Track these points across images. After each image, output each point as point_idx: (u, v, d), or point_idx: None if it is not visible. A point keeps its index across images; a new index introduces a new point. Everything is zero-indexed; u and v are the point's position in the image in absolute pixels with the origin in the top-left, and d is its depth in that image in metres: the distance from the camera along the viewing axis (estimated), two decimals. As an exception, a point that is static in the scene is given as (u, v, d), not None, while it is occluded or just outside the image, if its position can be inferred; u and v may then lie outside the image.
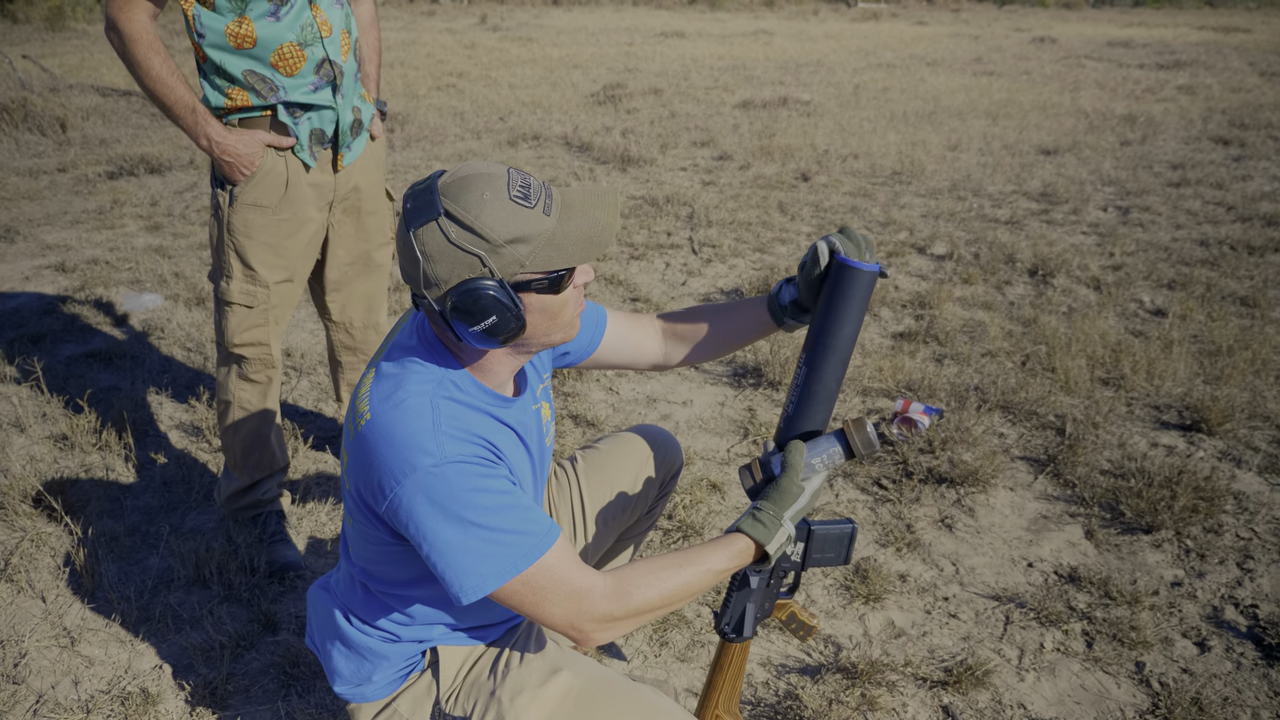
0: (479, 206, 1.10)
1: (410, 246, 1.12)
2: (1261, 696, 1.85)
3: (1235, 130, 7.49)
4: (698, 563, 1.23)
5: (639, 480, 1.69)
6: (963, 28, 17.82)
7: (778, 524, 1.27)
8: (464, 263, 1.11)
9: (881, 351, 3.43)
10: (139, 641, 1.97)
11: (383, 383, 1.20)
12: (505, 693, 1.29)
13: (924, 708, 1.82)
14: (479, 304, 1.12)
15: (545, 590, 1.14)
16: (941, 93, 9.41)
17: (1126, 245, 4.59)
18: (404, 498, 1.12)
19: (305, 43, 1.94)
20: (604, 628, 1.17)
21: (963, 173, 6.17)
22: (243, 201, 2.02)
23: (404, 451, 1.12)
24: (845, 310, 1.30)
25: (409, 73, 10.40)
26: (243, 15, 1.86)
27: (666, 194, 5.51)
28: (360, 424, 1.18)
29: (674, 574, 1.21)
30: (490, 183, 1.12)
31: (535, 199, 1.13)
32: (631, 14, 20.43)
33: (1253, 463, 2.68)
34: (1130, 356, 3.25)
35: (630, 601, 1.17)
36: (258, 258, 2.06)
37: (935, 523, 2.43)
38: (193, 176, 5.95)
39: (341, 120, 2.07)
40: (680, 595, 1.21)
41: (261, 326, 2.13)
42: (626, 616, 1.18)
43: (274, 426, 2.28)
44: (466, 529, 1.11)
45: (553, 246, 1.14)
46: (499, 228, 1.10)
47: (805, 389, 1.33)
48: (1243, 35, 15.96)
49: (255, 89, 1.93)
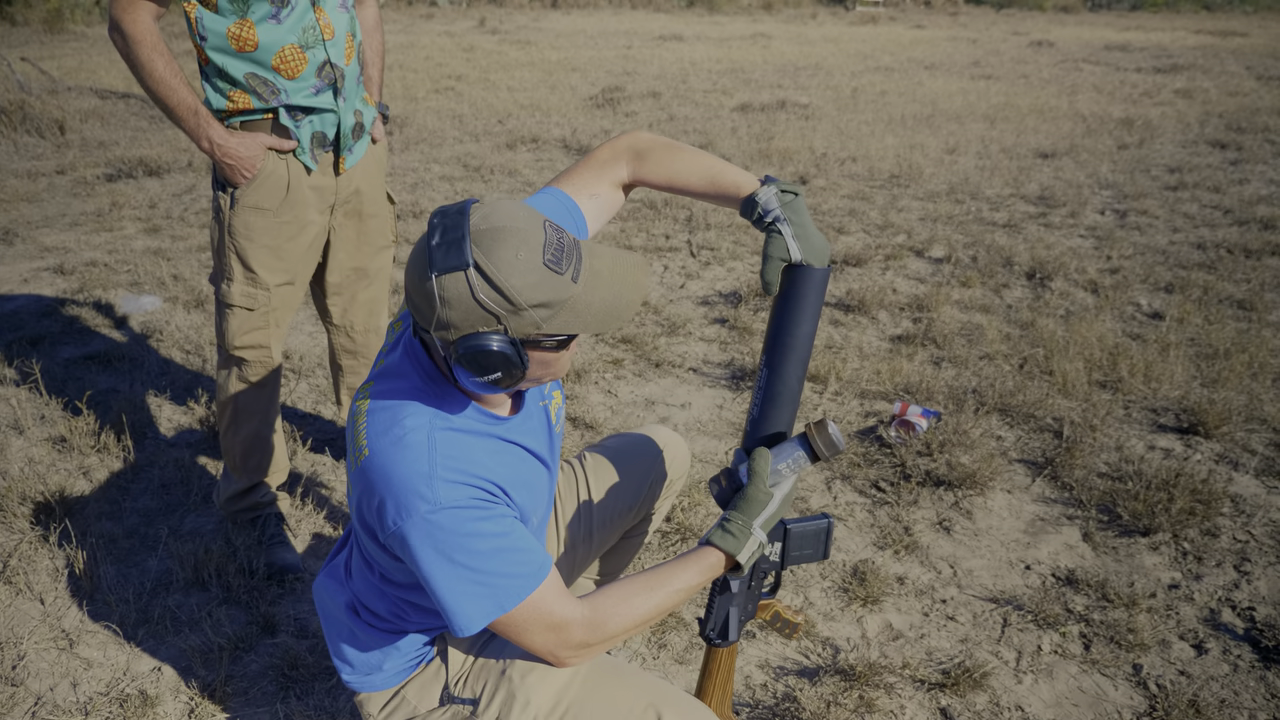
0: (510, 267, 1.06)
1: (430, 289, 1.07)
2: (1259, 698, 1.86)
3: (1232, 134, 7.51)
4: (669, 583, 1.26)
5: (645, 480, 1.70)
6: (960, 31, 17.86)
7: (747, 533, 1.28)
8: (481, 318, 1.07)
9: (879, 354, 3.44)
10: (137, 644, 1.97)
11: (379, 415, 1.20)
12: (515, 671, 1.31)
13: (922, 710, 1.83)
14: (488, 360, 1.10)
15: (528, 625, 1.19)
16: (939, 96, 9.42)
17: (1124, 249, 4.60)
18: (401, 535, 1.15)
19: (307, 45, 1.94)
20: (578, 654, 1.24)
21: (960, 176, 6.18)
22: (244, 204, 2.02)
23: (401, 495, 1.14)
24: (801, 310, 1.31)
25: (407, 75, 10.41)
26: (244, 18, 1.86)
27: (665, 197, 5.52)
28: (360, 458, 1.20)
29: (646, 598, 1.25)
30: (526, 241, 1.07)
31: (567, 264, 1.10)
32: (630, 17, 20.46)
33: (1250, 465, 2.69)
34: (1128, 359, 3.26)
35: (605, 630, 1.23)
36: (259, 260, 2.06)
37: (933, 525, 2.44)
38: (191, 179, 5.95)
39: (343, 123, 2.07)
40: (654, 615, 1.26)
41: (262, 329, 2.14)
42: (600, 642, 1.24)
43: (274, 429, 2.28)
44: (459, 571, 1.15)
45: (572, 313, 1.12)
46: (527, 292, 1.07)
47: (768, 391, 1.34)
48: (1240, 39, 15.99)
49: (257, 92, 1.93)
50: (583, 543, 1.68)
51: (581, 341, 1.27)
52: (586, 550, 1.69)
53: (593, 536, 1.68)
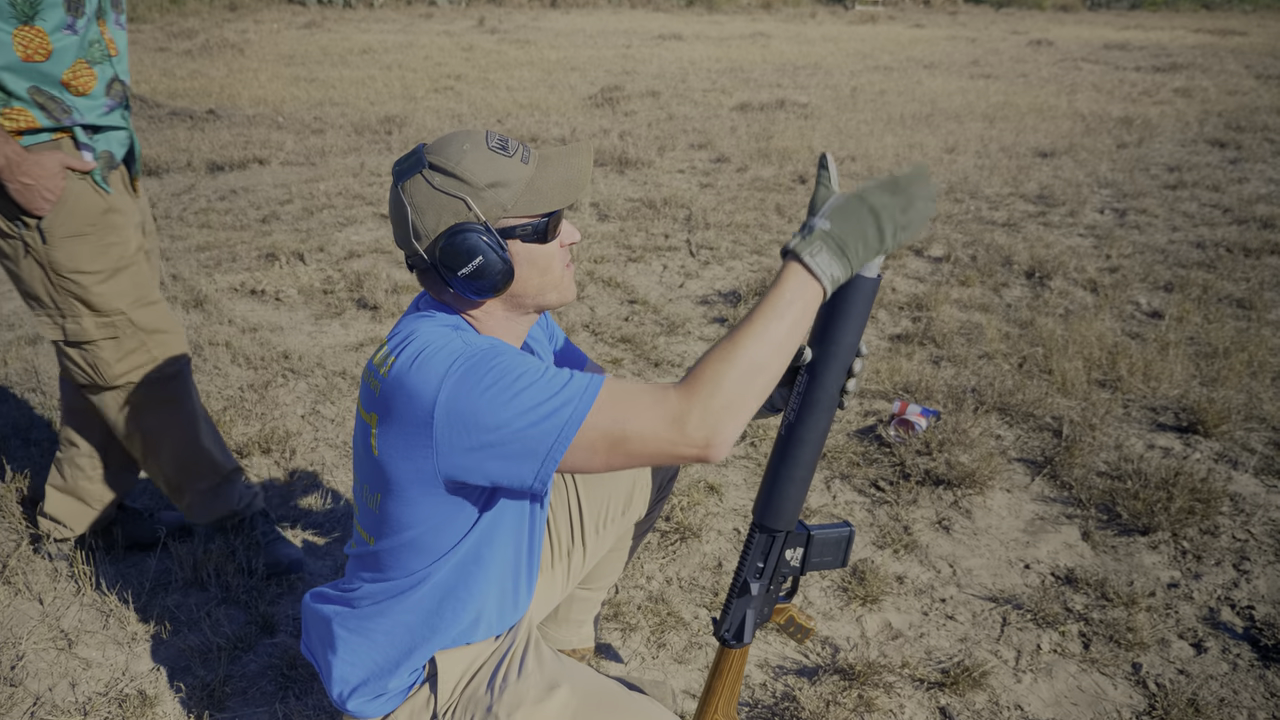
0: (459, 155, 1.19)
1: (400, 202, 1.20)
2: (1258, 697, 1.86)
3: (1231, 133, 7.51)
4: (755, 317, 1.14)
5: (637, 484, 1.68)
6: (960, 30, 17.85)
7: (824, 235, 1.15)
8: (449, 209, 1.19)
9: (879, 353, 3.44)
10: (136, 644, 1.97)
11: (394, 338, 1.23)
12: (502, 708, 1.27)
13: (921, 709, 1.83)
14: (465, 244, 1.18)
15: (623, 414, 1.10)
16: (939, 95, 9.42)
17: (1123, 247, 4.60)
18: (447, 402, 1.11)
19: (94, 61, 1.79)
20: (705, 422, 1.09)
21: (960, 175, 6.18)
22: (59, 235, 1.79)
23: (434, 365, 1.14)
24: (849, 319, 1.30)
25: (406, 75, 10.41)
26: (31, 24, 1.67)
27: (664, 196, 5.52)
28: (385, 371, 1.18)
29: (735, 338, 1.12)
30: (469, 137, 1.21)
31: (513, 150, 1.22)
32: (629, 16, 20.45)
33: (1249, 464, 2.69)
34: (1127, 358, 3.26)
35: (700, 381, 1.10)
36: (101, 293, 1.85)
37: (932, 524, 2.44)
38: (190, 179, 5.95)
39: (135, 142, 1.94)
40: (762, 352, 1.11)
41: (138, 350, 1.94)
42: (715, 396, 1.09)
43: (205, 431, 2.09)
44: (519, 396, 1.10)
45: (533, 191, 1.22)
46: (479, 172, 1.18)
47: (808, 397, 1.32)
48: (1239, 38, 16.00)
49: (44, 108, 1.73)
50: (576, 551, 1.65)
51: (569, 253, 1.30)
52: (580, 559, 1.66)
53: (585, 545, 1.65)
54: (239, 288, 4.05)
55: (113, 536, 2.25)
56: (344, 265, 4.35)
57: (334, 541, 2.33)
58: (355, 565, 1.38)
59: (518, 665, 1.34)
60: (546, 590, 1.63)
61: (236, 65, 11.02)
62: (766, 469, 1.37)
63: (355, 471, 1.32)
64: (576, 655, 1.86)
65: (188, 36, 13.38)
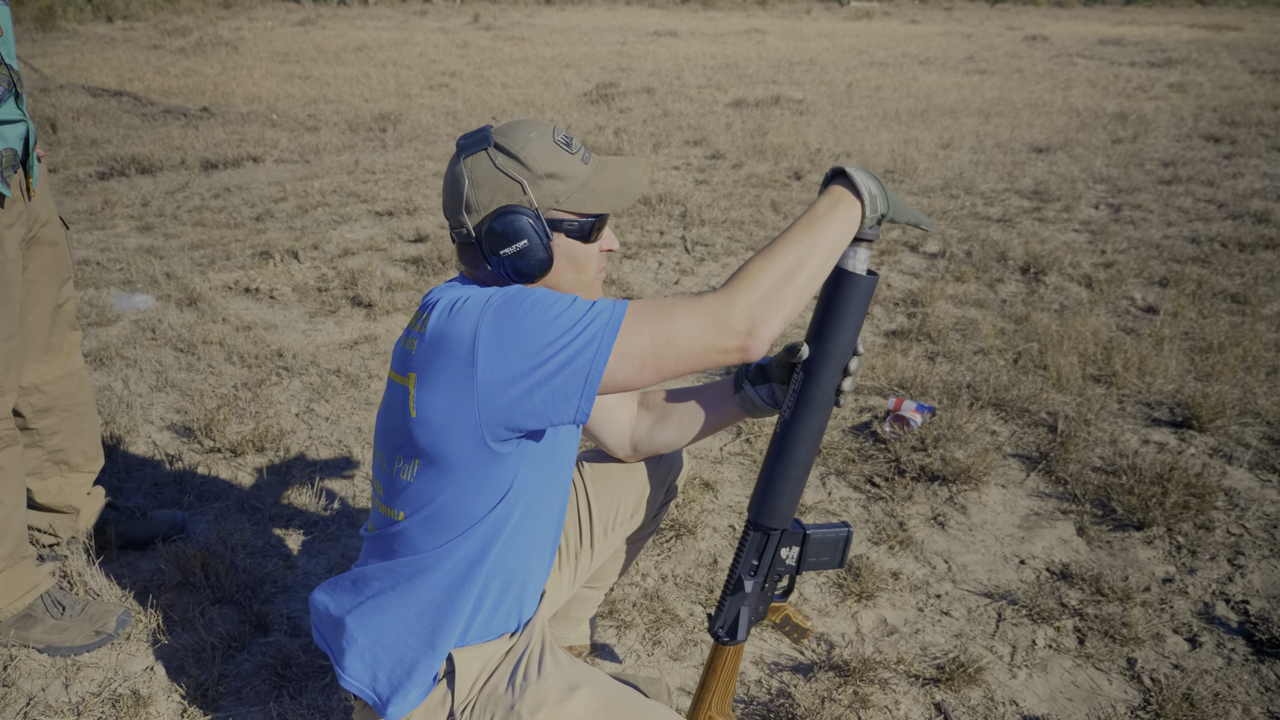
0: (525, 141, 1.24)
1: (458, 175, 1.25)
2: (1252, 692, 1.86)
3: (1226, 128, 7.52)
4: (795, 223, 1.19)
5: (646, 486, 1.68)
6: (955, 26, 17.85)
7: None
8: (505, 189, 1.23)
9: (874, 350, 3.44)
10: (129, 643, 1.96)
11: (427, 305, 1.24)
12: (525, 707, 1.26)
13: (916, 705, 1.83)
14: (514, 226, 1.22)
15: (664, 318, 1.13)
16: (934, 91, 9.42)
17: (1118, 243, 4.61)
18: (487, 334, 1.13)
19: None
20: (747, 314, 1.13)
21: (955, 171, 6.18)
22: None
23: (471, 306, 1.16)
24: (846, 317, 1.28)
25: (401, 72, 10.38)
26: None
27: (659, 193, 5.51)
28: (421, 328, 1.20)
29: (768, 245, 1.18)
30: (537, 126, 1.27)
31: (576, 149, 1.28)
32: (624, 13, 20.42)
33: (1243, 459, 2.69)
34: (1122, 354, 3.26)
35: (740, 279, 1.14)
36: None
37: (927, 520, 2.44)
38: (184, 176, 5.93)
39: (31, 135, 1.73)
40: (792, 248, 1.16)
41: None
42: (755, 290, 1.13)
43: (24, 510, 1.87)
44: (558, 318, 1.13)
45: (587, 190, 1.26)
46: (541, 161, 1.23)
47: (804, 395, 1.32)
48: (1234, 33, 16.01)
49: None
50: (584, 552, 1.65)
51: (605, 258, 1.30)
52: (588, 561, 1.66)
53: (594, 546, 1.65)
54: (233, 286, 4.03)
55: (106, 536, 2.24)
56: (338, 263, 4.34)
57: (328, 539, 2.32)
58: (374, 549, 1.34)
59: (536, 665, 1.32)
60: (554, 590, 1.62)
61: (231, 63, 10.99)
62: (762, 467, 1.36)
63: (380, 449, 1.30)
64: (574, 652, 1.86)
65: (182, 34, 13.34)
